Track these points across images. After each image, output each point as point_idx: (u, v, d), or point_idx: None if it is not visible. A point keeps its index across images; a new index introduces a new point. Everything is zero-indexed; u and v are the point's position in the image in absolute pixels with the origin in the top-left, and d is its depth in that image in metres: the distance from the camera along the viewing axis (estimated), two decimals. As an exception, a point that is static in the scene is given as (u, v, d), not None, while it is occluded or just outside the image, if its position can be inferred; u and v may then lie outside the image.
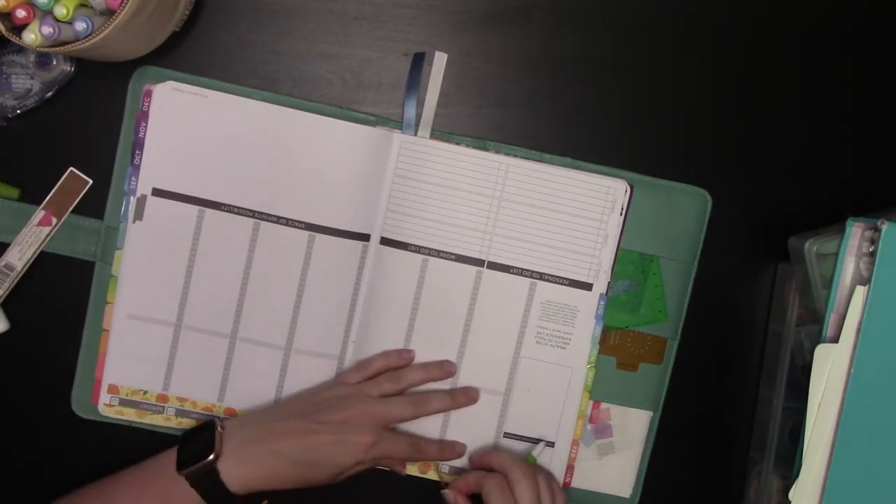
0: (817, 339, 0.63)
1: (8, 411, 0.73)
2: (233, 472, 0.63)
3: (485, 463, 0.69)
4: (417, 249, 0.71)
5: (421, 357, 0.72)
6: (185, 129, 0.70)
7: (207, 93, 0.70)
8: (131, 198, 0.70)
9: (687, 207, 0.73)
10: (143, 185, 0.70)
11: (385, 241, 0.71)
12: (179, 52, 0.71)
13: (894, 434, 0.62)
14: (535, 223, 0.72)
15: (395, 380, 0.70)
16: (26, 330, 0.72)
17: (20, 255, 0.70)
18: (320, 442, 0.65)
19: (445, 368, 0.71)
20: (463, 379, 0.72)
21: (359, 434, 0.65)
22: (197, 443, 0.65)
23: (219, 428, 0.65)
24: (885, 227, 0.60)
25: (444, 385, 0.72)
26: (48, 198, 0.71)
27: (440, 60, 0.72)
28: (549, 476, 0.68)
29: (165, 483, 0.64)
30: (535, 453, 0.72)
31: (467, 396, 0.71)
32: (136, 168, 0.70)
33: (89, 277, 0.71)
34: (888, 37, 0.74)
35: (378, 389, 0.69)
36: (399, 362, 0.71)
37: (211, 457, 0.63)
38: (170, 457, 0.65)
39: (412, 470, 0.73)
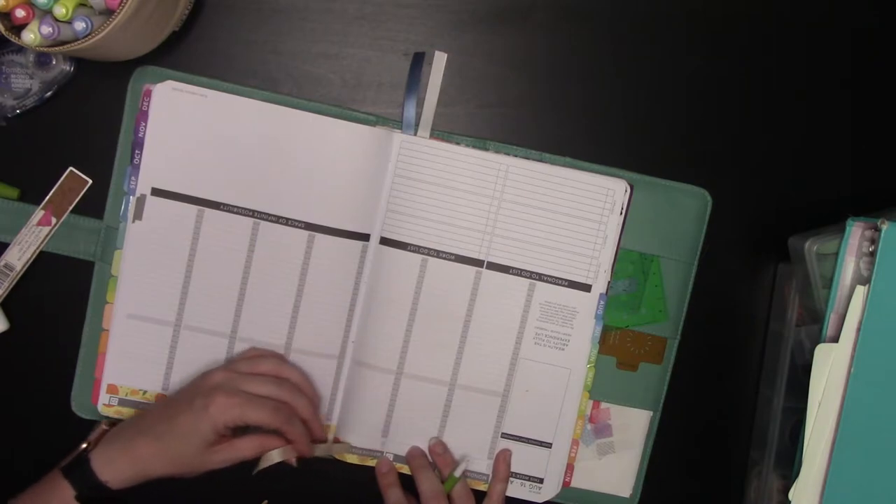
0: (817, 339, 0.63)
1: (8, 411, 0.73)
2: (102, 459, 0.64)
3: (413, 474, 0.71)
4: (417, 249, 0.71)
5: (420, 356, 0.72)
6: (185, 128, 0.70)
7: (207, 92, 0.70)
8: (131, 197, 0.70)
9: (687, 207, 0.73)
10: (143, 184, 0.70)
11: (385, 241, 0.71)
12: (179, 52, 0.71)
13: (894, 434, 0.62)
14: (535, 224, 0.72)
15: (277, 364, 0.69)
16: (26, 330, 0.72)
17: (20, 255, 0.70)
18: (175, 410, 0.65)
19: (316, 398, 0.70)
20: (462, 380, 0.72)
21: (209, 396, 0.64)
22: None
23: (103, 425, 0.67)
24: (885, 227, 0.60)
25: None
26: (48, 198, 0.71)
27: (440, 60, 0.72)
28: None
29: (46, 485, 0.64)
30: (456, 474, 0.71)
31: (319, 430, 0.70)
32: (136, 168, 0.70)
33: (89, 277, 0.71)
34: (888, 37, 0.74)
35: (248, 366, 0.68)
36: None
37: (84, 445, 0.65)
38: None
39: (410, 472, 0.73)
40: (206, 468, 0.65)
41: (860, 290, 0.61)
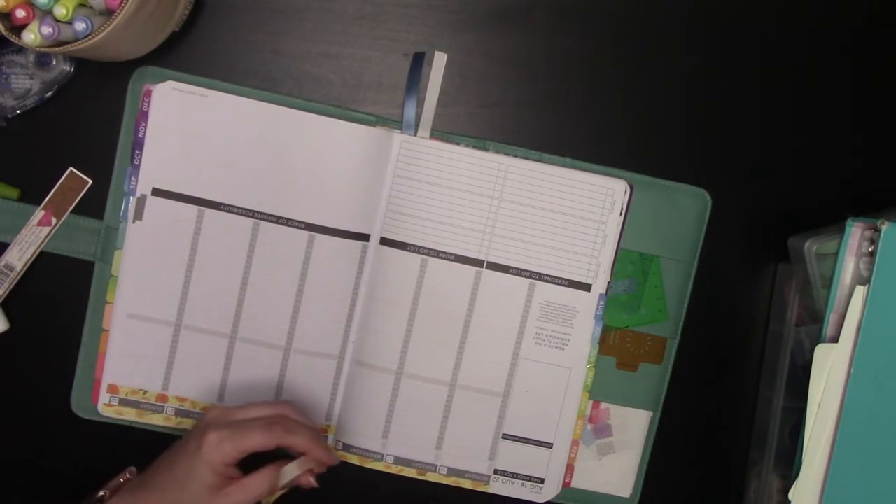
0: (817, 339, 0.63)
1: (8, 411, 0.73)
2: None
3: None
4: (417, 249, 0.71)
5: (420, 357, 0.72)
6: (185, 129, 0.70)
7: (207, 93, 0.70)
8: (131, 198, 0.70)
9: (687, 207, 0.73)
10: (143, 184, 0.70)
11: (385, 241, 0.71)
12: (179, 52, 0.71)
13: (894, 434, 0.62)
14: (535, 223, 0.72)
15: (268, 401, 0.67)
16: (26, 330, 0.72)
17: (20, 255, 0.70)
18: (174, 456, 0.62)
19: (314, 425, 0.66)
20: (462, 380, 0.72)
21: (201, 436, 0.61)
22: None
23: (126, 474, 0.66)
24: (885, 227, 0.60)
25: None
26: (48, 198, 0.71)
27: (440, 60, 0.72)
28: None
29: None
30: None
31: (330, 457, 0.65)
32: (136, 168, 0.70)
33: (89, 277, 0.71)
34: (888, 37, 0.74)
35: (243, 413, 0.64)
36: None
37: (101, 493, 0.63)
38: None
39: (410, 473, 0.73)
40: None
41: (860, 290, 0.61)
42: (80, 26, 0.62)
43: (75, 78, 0.70)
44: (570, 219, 0.72)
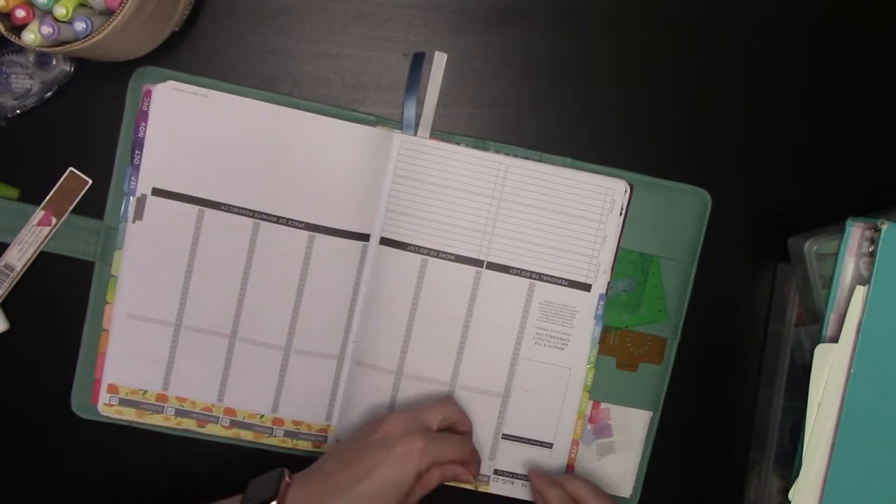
0: (817, 339, 0.63)
1: (7, 411, 0.73)
2: None
3: (559, 483, 0.69)
4: (417, 250, 0.71)
5: (420, 357, 0.72)
6: (185, 129, 0.70)
7: (207, 93, 0.70)
8: (131, 198, 0.70)
9: (687, 207, 0.73)
10: (143, 184, 0.70)
11: (385, 241, 0.71)
12: (179, 52, 0.71)
13: (894, 434, 0.62)
14: (535, 223, 0.72)
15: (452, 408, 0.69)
16: (26, 330, 0.72)
17: (20, 255, 0.70)
18: (370, 465, 0.62)
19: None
20: (462, 380, 0.72)
21: (404, 442, 0.62)
22: (262, 488, 0.62)
23: (286, 478, 0.62)
24: (885, 227, 0.60)
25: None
26: (48, 198, 0.71)
27: (440, 60, 0.72)
28: None
29: None
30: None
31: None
32: (136, 168, 0.70)
33: (89, 277, 0.71)
34: (888, 37, 0.74)
35: (428, 416, 0.67)
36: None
37: (274, 503, 0.60)
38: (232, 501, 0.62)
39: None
40: None
41: (860, 290, 0.61)
42: (80, 26, 0.62)
43: (75, 78, 0.70)
44: (570, 219, 0.72)
